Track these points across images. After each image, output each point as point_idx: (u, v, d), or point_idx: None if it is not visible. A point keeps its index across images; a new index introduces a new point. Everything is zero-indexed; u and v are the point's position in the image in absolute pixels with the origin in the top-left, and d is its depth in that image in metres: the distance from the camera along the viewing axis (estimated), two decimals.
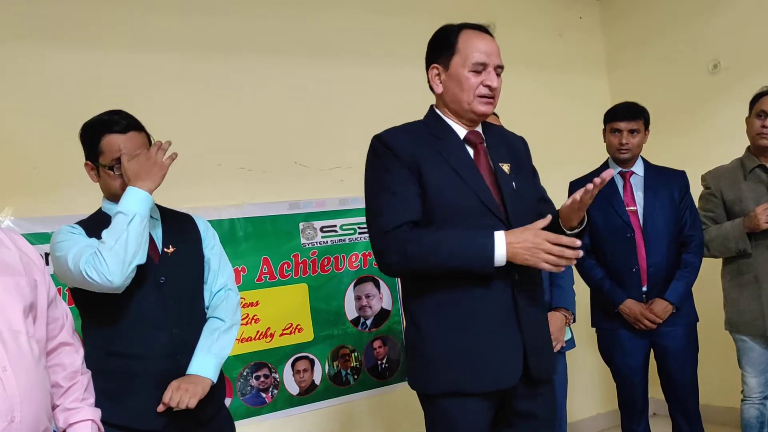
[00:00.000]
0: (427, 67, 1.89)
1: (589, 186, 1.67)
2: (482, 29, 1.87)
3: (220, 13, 3.21)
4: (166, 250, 1.98)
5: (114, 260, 1.75)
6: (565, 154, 3.97)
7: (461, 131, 1.87)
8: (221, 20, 3.21)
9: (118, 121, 1.92)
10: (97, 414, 1.60)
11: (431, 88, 1.89)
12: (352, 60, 3.48)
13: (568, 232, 1.78)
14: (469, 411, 1.76)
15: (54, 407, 1.53)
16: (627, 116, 2.81)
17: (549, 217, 1.70)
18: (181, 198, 2.64)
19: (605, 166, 2.93)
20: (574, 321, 2.63)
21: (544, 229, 1.69)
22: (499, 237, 1.68)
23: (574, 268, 2.82)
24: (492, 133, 1.94)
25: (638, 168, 2.88)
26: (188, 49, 3.11)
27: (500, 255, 1.67)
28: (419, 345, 1.81)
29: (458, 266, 1.70)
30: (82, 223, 1.95)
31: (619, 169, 2.88)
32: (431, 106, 1.93)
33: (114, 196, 1.94)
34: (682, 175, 2.89)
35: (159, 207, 2.07)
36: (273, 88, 3.30)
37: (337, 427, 3.34)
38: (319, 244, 3.34)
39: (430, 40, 1.90)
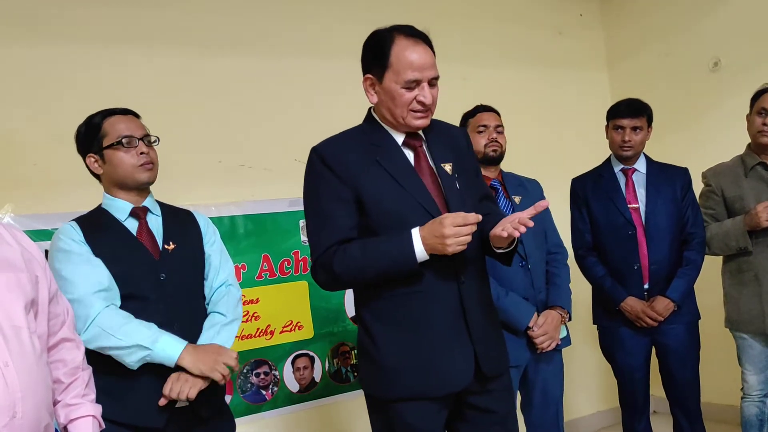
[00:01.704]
0: (363, 73, 1.85)
1: (523, 226, 1.63)
2: (416, 35, 1.77)
3: (220, 11, 3.20)
4: (166, 246, 1.98)
5: (92, 338, 1.79)
6: (566, 152, 3.98)
7: (399, 136, 1.84)
8: (221, 18, 3.20)
9: (115, 108, 1.99)
10: (98, 410, 1.60)
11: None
12: (352, 57, 3.47)
13: (497, 251, 1.78)
14: (423, 413, 1.78)
15: (55, 403, 1.53)
16: (630, 113, 2.79)
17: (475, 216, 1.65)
18: (182, 195, 2.64)
19: (607, 163, 2.92)
20: (570, 319, 2.63)
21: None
22: (416, 235, 1.68)
23: (572, 265, 2.82)
24: (432, 130, 1.89)
25: (640, 165, 2.87)
26: (189, 47, 3.10)
27: (420, 251, 1.68)
28: (372, 353, 1.81)
29: (385, 273, 1.71)
30: (82, 221, 1.94)
31: (621, 166, 2.88)
32: (370, 108, 1.90)
33: (121, 181, 1.94)
34: (684, 172, 2.88)
35: (159, 203, 2.07)
36: (273, 85, 3.29)
37: (337, 424, 3.34)
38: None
39: (363, 45, 1.84)
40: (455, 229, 1.61)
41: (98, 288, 1.83)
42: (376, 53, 1.78)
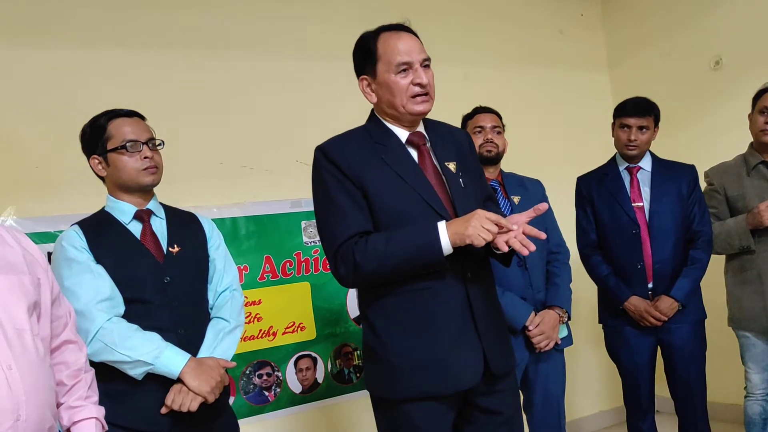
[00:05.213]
0: (358, 79, 1.86)
1: (523, 228, 1.64)
2: (399, 28, 1.82)
3: (220, 12, 3.20)
4: (171, 249, 1.96)
5: (95, 352, 1.79)
6: (566, 152, 3.98)
7: (403, 134, 1.84)
8: (222, 19, 3.20)
9: (120, 109, 1.97)
10: (101, 412, 1.60)
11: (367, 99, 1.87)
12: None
13: (497, 252, 1.77)
14: (431, 414, 1.77)
15: (58, 405, 1.53)
16: (637, 112, 2.77)
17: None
18: (183, 197, 2.64)
19: (612, 161, 2.91)
20: (569, 319, 2.62)
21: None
22: (441, 225, 1.68)
23: (578, 264, 2.81)
24: (435, 130, 1.91)
25: (646, 163, 2.85)
26: (190, 48, 3.10)
27: (445, 243, 1.66)
28: (378, 352, 1.80)
29: (409, 264, 1.69)
30: (84, 225, 1.93)
31: (626, 164, 2.86)
32: (372, 109, 1.91)
33: (124, 184, 1.94)
34: (691, 169, 2.85)
35: (163, 206, 2.06)
36: (274, 86, 3.29)
37: (339, 425, 3.34)
38: (321, 243, 3.34)
39: (353, 51, 1.88)
40: (484, 219, 1.61)
41: (100, 298, 1.82)
42: (364, 52, 1.83)
